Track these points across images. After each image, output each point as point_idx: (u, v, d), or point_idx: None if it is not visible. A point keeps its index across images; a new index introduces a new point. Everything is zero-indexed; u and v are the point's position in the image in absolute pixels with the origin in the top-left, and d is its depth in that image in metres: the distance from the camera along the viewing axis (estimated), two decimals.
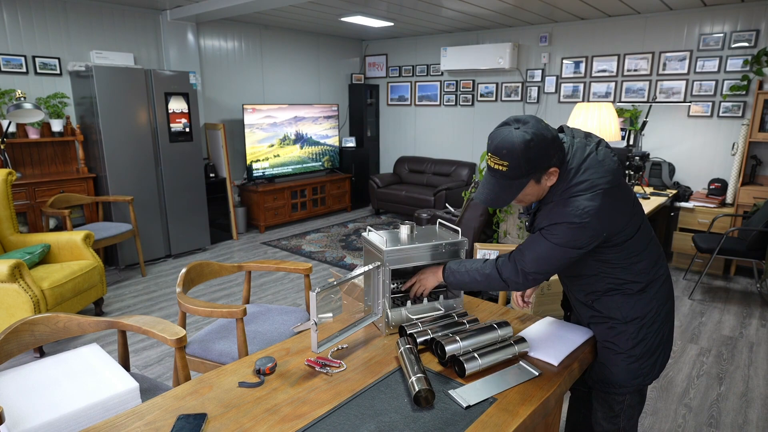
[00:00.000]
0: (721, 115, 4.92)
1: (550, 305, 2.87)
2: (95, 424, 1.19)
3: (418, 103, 7.24)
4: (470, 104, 6.69)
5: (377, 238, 1.68)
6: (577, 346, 1.54)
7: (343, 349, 1.56)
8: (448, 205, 4.93)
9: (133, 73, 4.49)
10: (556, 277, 1.96)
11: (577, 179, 1.36)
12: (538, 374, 1.40)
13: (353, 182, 7.18)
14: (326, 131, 6.88)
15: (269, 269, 2.40)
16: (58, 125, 4.50)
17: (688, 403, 2.66)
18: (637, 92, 5.36)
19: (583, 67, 5.67)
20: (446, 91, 6.89)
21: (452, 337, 1.46)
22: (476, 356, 1.40)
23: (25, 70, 4.43)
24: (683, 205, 4.79)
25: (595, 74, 5.60)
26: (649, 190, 4.78)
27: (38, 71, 4.50)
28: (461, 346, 1.43)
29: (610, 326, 1.53)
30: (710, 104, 4.97)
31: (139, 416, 1.22)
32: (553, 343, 1.55)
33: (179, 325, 2.05)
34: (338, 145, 7.10)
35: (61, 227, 4.41)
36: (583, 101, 5.70)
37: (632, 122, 5.21)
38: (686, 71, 5.04)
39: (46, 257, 3.40)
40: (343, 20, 5.73)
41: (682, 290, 4.29)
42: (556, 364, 1.45)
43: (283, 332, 2.16)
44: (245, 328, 2.06)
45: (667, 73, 5.15)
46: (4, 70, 4.32)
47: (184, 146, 4.92)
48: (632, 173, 4.48)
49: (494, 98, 6.44)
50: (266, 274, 4.56)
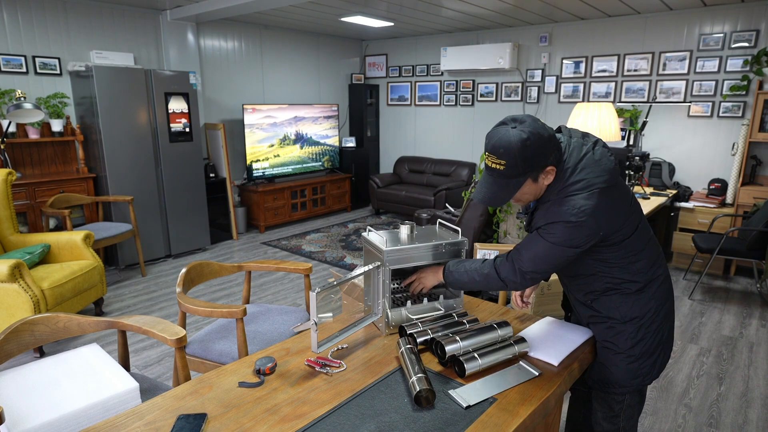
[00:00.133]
0: (721, 115, 4.92)
1: (550, 305, 2.87)
2: (95, 424, 1.19)
3: (418, 103, 7.24)
4: (470, 104, 6.69)
5: (377, 238, 1.68)
6: (577, 346, 1.54)
7: (343, 349, 1.56)
8: (448, 205, 4.93)
9: (133, 73, 4.49)
10: (556, 277, 1.97)
11: (573, 178, 1.37)
12: (538, 374, 1.40)
13: (353, 182, 7.18)
14: (326, 131, 6.88)
15: (269, 269, 2.40)
16: (58, 125, 4.50)
17: (688, 403, 2.67)
18: (637, 92, 5.36)
19: (583, 67, 5.67)
20: (446, 91, 6.89)
21: (452, 337, 1.46)
22: (476, 356, 1.40)
23: (25, 70, 4.43)
24: (683, 205, 4.79)
25: (595, 74, 5.60)
26: (649, 190, 4.78)
27: (38, 71, 4.50)
28: (461, 346, 1.43)
29: (609, 326, 1.53)
30: (710, 104, 4.97)
31: (139, 416, 1.22)
32: (553, 343, 1.55)
33: (179, 325, 2.05)
34: (338, 145, 7.10)
35: (61, 227, 4.41)
36: (583, 101, 5.70)
37: (632, 122, 5.21)
38: (686, 71, 5.04)
39: (46, 257, 3.40)
40: (343, 20, 5.73)
41: (682, 290, 4.29)
42: (556, 364, 1.45)
43: (283, 332, 2.16)
44: (245, 328, 2.06)
45: (667, 73, 5.15)
46: (4, 70, 4.32)
47: (184, 146, 4.92)
48: (632, 173, 4.48)
49: (494, 98, 6.44)
50: (266, 274, 4.56)
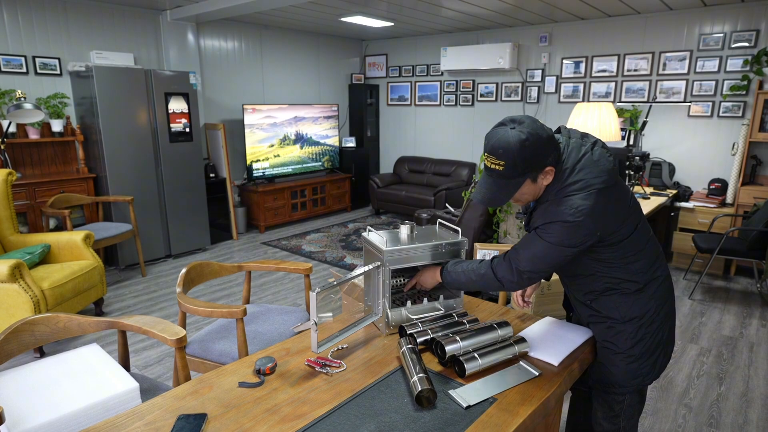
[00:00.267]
0: (721, 115, 4.92)
1: (550, 305, 2.87)
2: (95, 424, 1.19)
3: (418, 103, 7.23)
4: (470, 104, 6.69)
5: (377, 238, 1.68)
6: (577, 346, 1.54)
7: (343, 349, 1.56)
8: (448, 205, 4.93)
9: (133, 73, 4.49)
10: (556, 277, 1.97)
11: (571, 179, 1.37)
12: (538, 374, 1.40)
13: (353, 182, 7.18)
14: (326, 131, 6.88)
15: (269, 269, 2.40)
16: (58, 125, 4.50)
17: (688, 403, 2.66)
18: (637, 92, 5.35)
19: (583, 67, 5.67)
20: (446, 91, 6.89)
21: (452, 337, 1.46)
22: (476, 356, 1.40)
23: (25, 70, 4.43)
24: (683, 205, 4.79)
25: (595, 74, 5.59)
26: (649, 190, 4.78)
27: (38, 71, 4.50)
28: (461, 346, 1.43)
29: (608, 326, 1.53)
30: (710, 104, 4.97)
31: (139, 416, 1.22)
32: (553, 343, 1.55)
33: (179, 325, 2.05)
34: (338, 145, 7.10)
35: (61, 227, 4.41)
36: (583, 101, 5.70)
37: (632, 122, 5.21)
38: (686, 71, 5.04)
39: (46, 257, 3.40)
40: (343, 20, 5.73)
41: (682, 290, 4.29)
42: (556, 364, 1.45)
43: (283, 332, 2.16)
44: (245, 328, 2.06)
45: (667, 73, 5.15)
46: (4, 70, 4.32)
47: (184, 146, 4.92)
48: (632, 173, 4.48)
49: (494, 98, 6.44)
50: (266, 274, 4.56)
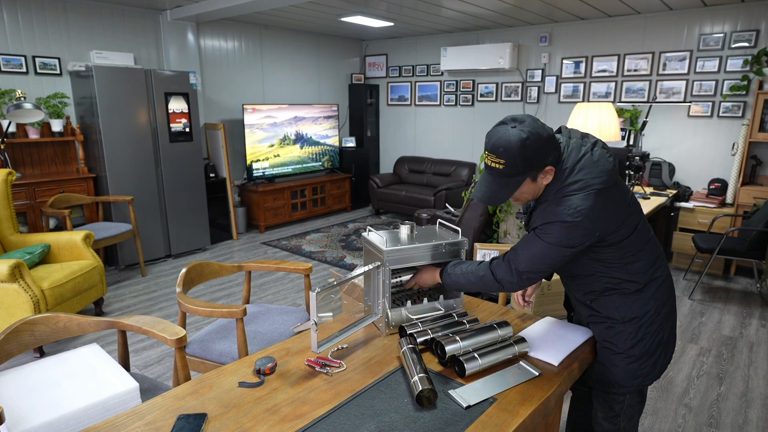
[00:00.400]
0: (721, 115, 4.92)
1: (550, 305, 2.87)
2: (95, 424, 1.19)
3: (418, 103, 7.23)
4: (470, 104, 6.69)
5: (377, 238, 1.68)
6: (577, 346, 1.54)
7: (343, 349, 1.56)
8: (448, 205, 4.93)
9: (133, 73, 4.49)
10: (557, 277, 1.97)
11: (571, 179, 1.38)
12: (538, 374, 1.40)
13: (353, 182, 7.18)
14: (326, 131, 6.88)
15: (269, 269, 2.40)
16: (58, 125, 4.50)
17: (688, 403, 2.67)
18: (637, 92, 5.35)
19: (583, 67, 5.67)
20: (446, 91, 6.89)
21: (452, 337, 1.46)
22: (476, 356, 1.40)
23: (25, 70, 4.43)
24: (683, 205, 4.79)
25: (595, 74, 5.59)
26: (649, 190, 4.78)
27: (38, 71, 4.50)
28: (461, 346, 1.43)
29: (608, 326, 1.53)
30: (710, 104, 4.97)
31: (139, 416, 1.22)
32: (553, 343, 1.55)
33: (179, 325, 2.05)
34: (338, 145, 7.10)
35: (61, 227, 4.41)
36: (583, 101, 5.70)
37: (632, 122, 5.21)
38: (686, 71, 5.04)
39: (46, 257, 3.40)
40: (343, 20, 5.73)
41: (682, 290, 4.29)
42: (556, 364, 1.45)
43: (283, 332, 2.16)
44: (245, 328, 2.06)
45: (667, 73, 5.15)
46: (4, 70, 4.32)
47: (184, 146, 4.92)
48: (632, 173, 4.48)
49: (494, 98, 6.44)
50: (266, 274, 4.56)
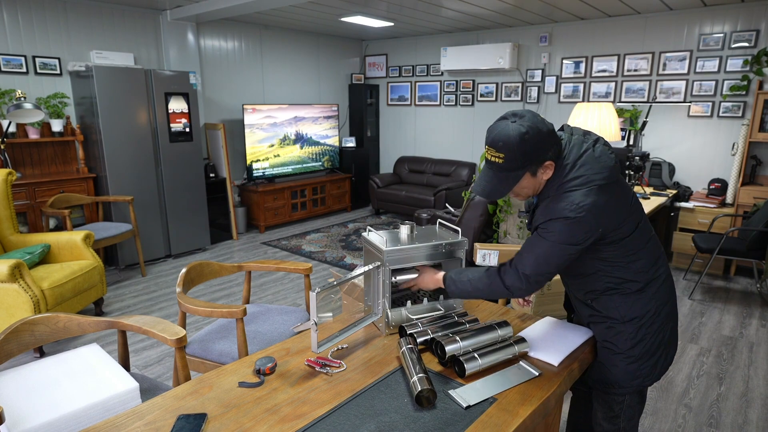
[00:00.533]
0: (721, 115, 4.92)
1: (550, 305, 2.87)
2: (95, 424, 1.19)
3: (418, 103, 7.23)
4: (470, 104, 6.69)
5: (377, 238, 1.68)
6: (577, 346, 1.54)
7: (343, 349, 1.56)
8: (448, 205, 4.93)
9: (133, 73, 4.49)
10: (557, 277, 1.97)
11: (572, 174, 1.38)
12: (538, 374, 1.40)
13: (353, 182, 7.18)
14: (326, 131, 6.88)
15: (269, 269, 2.40)
16: (58, 125, 4.50)
17: (688, 403, 2.67)
18: (637, 92, 5.35)
19: (583, 67, 5.66)
20: (446, 91, 6.89)
21: (452, 337, 1.46)
22: (476, 356, 1.40)
23: (25, 70, 4.43)
24: (683, 205, 4.79)
25: (595, 74, 5.59)
26: (649, 190, 4.78)
27: (38, 71, 4.50)
28: (461, 346, 1.43)
29: (608, 326, 1.53)
30: (710, 104, 4.97)
31: (139, 416, 1.22)
32: (553, 343, 1.55)
33: (179, 325, 2.05)
34: (338, 145, 7.10)
35: (61, 227, 4.41)
36: (583, 101, 5.70)
37: (632, 122, 5.21)
38: (686, 71, 5.04)
39: (46, 257, 3.40)
40: (343, 20, 5.73)
41: (682, 290, 4.29)
42: (556, 364, 1.45)
43: (283, 332, 2.16)
44: (245, 328, 2.06)
45: (667, 73, 5.15)
46: (4, 70, 4.32)
47: (184, 146, 4.92)
48: (632, 173, 4.48)
49: (494, 98, 6.44)
50: (266, 274, 4.56)
